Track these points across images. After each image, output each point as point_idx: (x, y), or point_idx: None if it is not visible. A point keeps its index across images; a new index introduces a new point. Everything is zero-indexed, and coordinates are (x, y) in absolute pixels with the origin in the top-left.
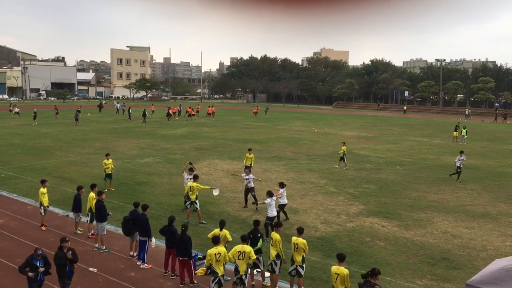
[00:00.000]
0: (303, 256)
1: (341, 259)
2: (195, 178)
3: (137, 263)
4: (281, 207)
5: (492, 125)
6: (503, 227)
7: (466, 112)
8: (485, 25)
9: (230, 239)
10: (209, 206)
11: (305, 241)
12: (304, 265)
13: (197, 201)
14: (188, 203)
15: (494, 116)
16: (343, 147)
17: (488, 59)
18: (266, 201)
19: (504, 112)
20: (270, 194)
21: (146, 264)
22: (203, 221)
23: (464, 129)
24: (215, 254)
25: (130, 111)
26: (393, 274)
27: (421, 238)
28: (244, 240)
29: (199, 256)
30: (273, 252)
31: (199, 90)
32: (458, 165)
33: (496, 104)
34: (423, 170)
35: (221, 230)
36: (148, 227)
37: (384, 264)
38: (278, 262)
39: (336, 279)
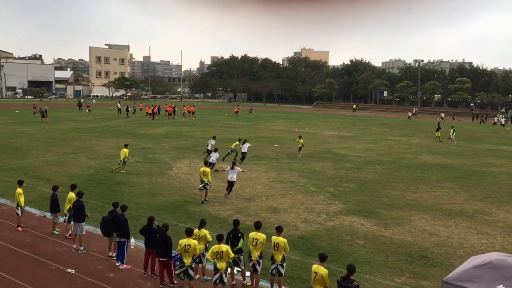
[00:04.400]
0: (283, 255)
1: (322, 259)
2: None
3: (116, 264)
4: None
5: (468, 125)
6: (479, 225)
7: (414, 111)
8: (461, 27)
9: (210, 239)
10: (189, 206)
11: (285, 240)
12: (284, 264)
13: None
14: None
15: (481, 117)
16: (300, 140)
17: (465, 60)
18: (226, 169)
19: (478, 112)
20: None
21: (125, 265)
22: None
23: (452, 128)
24: (185, 245)
25: (128, 109)
26: (372, 272)
27: (400, 237)
28: (219, 239)
29: (179, 257)
30: (255, 253)
31: (179, 89)
32: None
33: (471, 105)
34: (401, 169)
35: (199, 229)
36: (127, 228)
37: (363, 262)
38: (261, 261)
39: (315, 278)
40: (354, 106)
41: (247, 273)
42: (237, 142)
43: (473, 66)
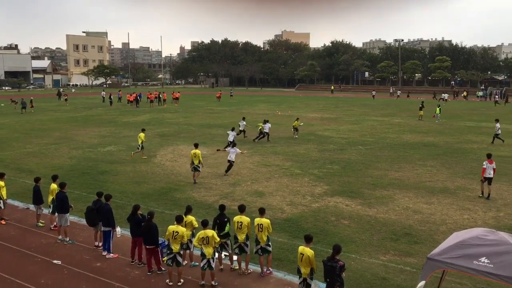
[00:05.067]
0: (267, 235)
1: (307, 240)
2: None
3: (103, 253)
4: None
5: (449, 102)
6: (461, 201)
7: (391, 90)
8: (440, 5)
9: (196, 225)
10: (174, 193)
11: (268, 221)
12: (270, 243)
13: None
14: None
15: (454, 94)
16: (296, 122)
17: (445, 38)
18: (227, 149)
19: (457, 90)
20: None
21: (112, 254)
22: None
23: (438, 107)
24: (174, 231)
25: (111, 97)
26: (358, 251)
27: (384, 215)
28: (204, 225)
29: (166, 243)
30: (241, 236)
31: (160, 76)
32: (497, 133)
33: (452, 82)
34: (384, 149)
35: (185, 215)
36: (112, 217)
37: (348, 242)
38: (248, 242)
39: (301, 259)
40: (332, 87)
41: (235, 257)
42: (261, 124)
43: (453, 45)
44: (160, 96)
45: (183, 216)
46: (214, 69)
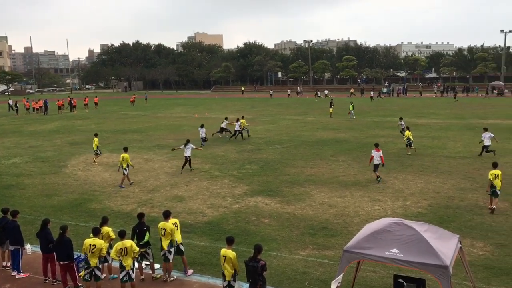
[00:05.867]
0: (170, 240)
1: (229, 242)
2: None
3: (12, 274)
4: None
5: (358, 100)
6: (372, 193)
7: (298, 89)
8: (344, 6)
9: (113, 237)
10: (89, 203)
11: (172, 226)
12: (172, 250)
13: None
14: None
15: (315, 92)
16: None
17: (350, 38)
18: (181, 147)
19: (363, 87)
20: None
21: (22, 274)
22: (122, 186)
23: (351, 104)
24: (90, 245)
25: (17, 105)
26: (279, 248)
27: (302, 211)
28: (121, 235)
29: (82, 258)
30: (165, 242)
31: (68, 81)
32: (402, 128)
33: (358, 80)
34: (299, 146)
35: (100, 227)
36: (19, 235)
37: (269, 240)
38: (172, 250)
39: (224, 261)
40: (243, 88)
41: (157, 266)
42: (243, 121)
43: (358, 44)
44: (72, 102)
45: (99, 228)
46: (127, 72)
